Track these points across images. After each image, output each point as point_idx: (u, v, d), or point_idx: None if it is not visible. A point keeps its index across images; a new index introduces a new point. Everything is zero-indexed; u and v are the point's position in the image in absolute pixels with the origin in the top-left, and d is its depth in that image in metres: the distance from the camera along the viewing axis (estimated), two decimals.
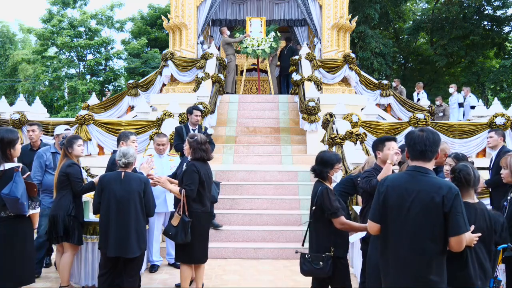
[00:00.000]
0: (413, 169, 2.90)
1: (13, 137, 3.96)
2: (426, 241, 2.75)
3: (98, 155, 9.23)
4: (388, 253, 2.92)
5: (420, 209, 2.76)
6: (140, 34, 27.72)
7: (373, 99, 11.90)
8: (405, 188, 2.84)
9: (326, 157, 4.03)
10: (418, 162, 2.91)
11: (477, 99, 13.87)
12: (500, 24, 22.48)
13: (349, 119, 8.57)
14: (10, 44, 33.12)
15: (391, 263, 2.89)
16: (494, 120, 9.00)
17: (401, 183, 2.88)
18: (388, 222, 2.90)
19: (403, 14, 25.36)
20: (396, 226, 2.85)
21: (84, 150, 5.07)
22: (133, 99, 12.30)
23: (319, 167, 4.03)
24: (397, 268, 2.85)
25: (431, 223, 2.74)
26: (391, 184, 2.92)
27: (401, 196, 2.84)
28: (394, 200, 2.86)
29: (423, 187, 2.79)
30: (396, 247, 2.85)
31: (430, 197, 2.74)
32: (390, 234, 2.89)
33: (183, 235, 4.58)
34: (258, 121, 10.51)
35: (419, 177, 2.85)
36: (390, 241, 2.89)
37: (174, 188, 4.76)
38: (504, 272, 3.81)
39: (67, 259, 5.01)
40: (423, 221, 2.75)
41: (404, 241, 2.81)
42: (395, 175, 3.06)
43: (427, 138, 2.88)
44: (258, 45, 12.11)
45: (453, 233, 2.72)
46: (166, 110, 8.92)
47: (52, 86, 27.63)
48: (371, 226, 3.02)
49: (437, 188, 2.75)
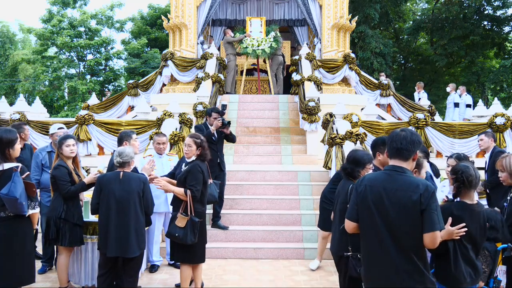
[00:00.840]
0: (391, 168, 2.96)
1: (12, 137, 3.95)
2: (405, 238, 2.81)
3: (98, 155, 9.24)
4: (368, 250, 2.98)
5: (398, 207, 2.81)
6: (140, 34, 27.72)
7: (373, 99, 11.90)
8: (383, 187, 2.89)
9: (358, 157, 3.98)
10: (395, 161, 2.97)
11: (472, 98, 13.90)
12: (500, 24, 22.47)
13: (349, 119, 8.57)
14: (10, 44, 33.11)
15: (371, 260, 2.95)
16: (494, 120, 9.00)
17: (379, 182, 2.93)
18: (366, 220, 2.96)
19: (403, 14, 25.36)
20: (374, 224, 2.90)
21: (74, 150, 4.89)
22: (133, 99, 12.30)
23: (350, 166, 3.98)
24: (377, 265, 2.91)
25: (409, 220, 2.80)
26: (369, 184, 2.97)
27: (379, 195, 2.89)
28: (373, 199, 2.91)
29: (401, 186, 2.85)
30: (375, 245, 2.90)
31: (408, 195, 2.80)
32: (369, 232, 2.95)
33: (192, 236, 4.58)
34: (258, 121, 10.51)
35: (396, 176, 2.90)
36: (369, 239, 2.95)
37: (177, 189, 4.72)
38: (504, 273, 3.80)
39: (62, 260, 5.00)
40: (401, 219, 2.81)
41: (383, 238, 2.86)
42: (372, 174, 3.10)
43: (404, 137, 2.93)
44: (258, 45, 12.11)
45: (427, 230, 2.78)
46: (166, 110, 8.92)
47: (52, 86, 27.63)
48: (349, 224, 3.09)
49: (414, 187, 2.81)
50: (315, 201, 7.26)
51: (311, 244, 6.71)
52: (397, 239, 2.82)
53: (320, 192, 7.68)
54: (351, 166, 3.98)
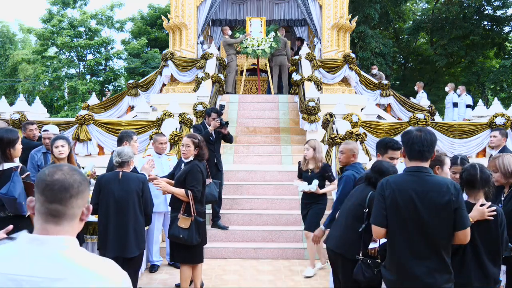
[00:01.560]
0: (416, 170, 2.93)
1: (13, 137, 3.95)
2: (437, 238, 2.84)
3: (98, 155, 9.23)
4: (398, 254, 2.93)
5: (432, 209, 2.82)
6: (140, 34, 27.72)
7: (373, 99, 11.89)
8: (414, 190, 2.86)
9: (384, 168, 3.90)
10: (417, 162, 2.94)
11: (472, 98, 13.89)
12: (500, 24, 22.47)
13: (349, 119, 8.57)
14: (10, 44, 33.10)
15: (402, 263, 2.90)
16: (494, 120, 9.00)
17: (408, 185, 2.89)
18: (397, 224, 2.91)
19: (403, 14, 25.36)
20: (406, 227, 2.87)
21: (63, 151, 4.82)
22: (133, 99, 12.30)
23: (375, 176, 3.90)
24: (408, 268, 2.87)
25: (442, 221, 2.83)
26: (397, 187, 2.92)
27: (410, 198, 2.85)
28: (403, 202, 2.87)
29: (431, 187, 2.85)
30: (406, 248, 2.87)
31: (440, 196, 2.82)
32: (400, 235, 2.91)
33: (197, 236, 4.59)
34: (258, 121, 10.51)
35: (424, 177, 2.89)
36: (400, 242, 2.90)
37: (178, 190, 4.69)
38: (504, 273, 3.80)
39: None
40: (435, 220, 2.82)
41: (415, 241, 2.85)
42: (396, 177, 3.05)
43: (424, 139, 2.92)
44: (258, 45, 12.12)
45: (461, 227, 2.83)
46: (166, 110, 8.92)
47: (52, 86, 27.62)
48: (377, 230, 3.00)
49: (445, 188, 2.83)
50: None
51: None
52: (430, 240, 2.84)
53: None
54: (375, 176, 3.92)
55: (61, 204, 1.54)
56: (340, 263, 3.86)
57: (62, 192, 1.54)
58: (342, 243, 3.85)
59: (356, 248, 3.79)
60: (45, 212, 1.54)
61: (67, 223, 1.55)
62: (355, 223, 3.82)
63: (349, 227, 3.85)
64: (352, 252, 3.78)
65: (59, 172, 1.56)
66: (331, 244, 3.95)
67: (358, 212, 3.85)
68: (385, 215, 2.95)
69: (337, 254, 3.87)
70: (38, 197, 1.56)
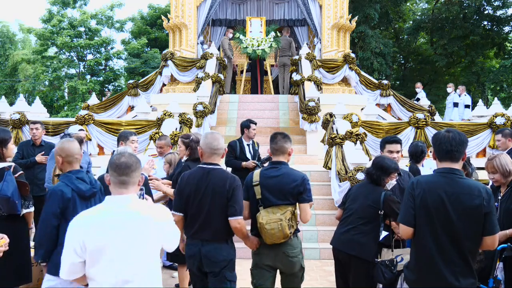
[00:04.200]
0: (448, 171, 2.91)
1: (5, 136, 3.93)
2: (465, 241, 2.82)
3: (98, 155, 9.24)
4: (423, 255, 2.92)
5: (461, 211, 2.80)
6: (140, 34, 27.70)
7: (373, 99, 11.90)
8: (444, 191, 2.84)
9: (386, 165, 3.90)
10: (447, 163, 2.93)
11: (471, 98, 13.88)
12: (500, 24, 22.46)
13: (349, 119, 8.57)
14: (10, 44, 33.08)
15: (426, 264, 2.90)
16: (494, 120, 9.00)
17: (439, 186, 2.87)
18: (424, 224, 2.90)
19: (403, 14, 25.34)
20: (433, 228, 2.86)
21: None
22: (133, 99, 12.31)
23: (377, 173, 3.90)
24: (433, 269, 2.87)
25: (471, 224, 2.81)
26: (427, 187, 2.90)
27: (440, 199, 2.84)
28: (433, 203, 2.86)
29: (463, 190, 2.83)
30: (433, 249, 2.87)
31: (471, 200, 2.80)
32: (426, 236, 2.90)
33: None
34: (258, 121, 10.38)
35: (456, 179, 2.87)
36: (426, 243, 2.90)
37: (168, 190, 4.71)
38: (501, 271, 3.81)
39: None
40: (464, 223, 2.81)
41: (442, 242, 2.84)
42: (428, 177, 3.02)
43: (453, 139, 2.90)
44: (258, 45, 12.12)
45: (490, 233, 2.81)
46: (166, 110, 8.93)
47: (52, 86, 27.62)
48: (405, 230, 2.97)
49: (476, 191, 2.81)
50: (315, 200, 7.24)
51: (311, 244, 6.71)
52: (456, 243, 2.82)
53: (320, 192, 7.70)
54: (377, 173, 3.90)
55: (127, 176, 2.49)
56: (353, 265, 3.80)
57: (126, 169, 2.49)
58: (356, 245, 3.78)
59: (372, 249, 3.76)
60: (118, 182, 2.49)
61: (131, 187, 2.51)
62: (367, 224, 3.78)
63: (360, 229, 3.81)
64: (367, 253, 3.75)
65: (123, 157, 2.52)
66: (342, 246, 3.87)
67: (368, 214, 3.81)
68: (413, 215, 2.92)
69: (350, 256, 3.79)
70: (111, 173, 2.51)
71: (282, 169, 3.66)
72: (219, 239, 3.49)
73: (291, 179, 3.60)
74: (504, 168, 3.87)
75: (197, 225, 3.50)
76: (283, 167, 3.68)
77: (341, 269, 3.97)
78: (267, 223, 3.48)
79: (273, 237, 3.51)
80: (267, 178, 3.63)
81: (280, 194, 3.58)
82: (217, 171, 3.51)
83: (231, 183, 3.46)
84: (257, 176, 3.67)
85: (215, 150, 3.54)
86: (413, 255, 3.02)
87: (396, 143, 4.51)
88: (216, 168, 3.52)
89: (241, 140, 6.48)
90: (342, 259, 3.90)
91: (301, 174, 3.66)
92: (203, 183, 3.48)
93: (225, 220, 3.45)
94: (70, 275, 2.43)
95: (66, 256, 2.39)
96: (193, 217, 3.52)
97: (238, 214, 3.44)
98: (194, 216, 3.51)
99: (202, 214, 3.47)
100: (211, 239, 3.48)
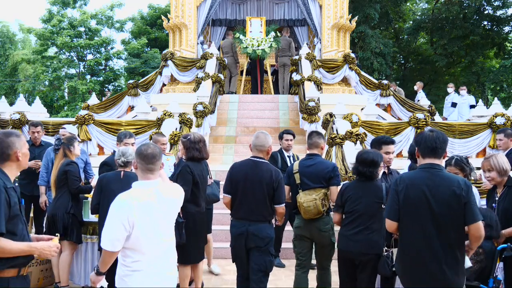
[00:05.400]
0: (429, 166, 3.11)
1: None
2: (449, 232, 2.98)
3: (98, 155, 9.23)
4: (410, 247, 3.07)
5: (442, 202, 2.98)
6: (140, 34, 27.70)
7: (373, 99, 11.90)
8: (426, 184, 3.03)
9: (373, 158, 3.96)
10: (430, 159, 3.13)
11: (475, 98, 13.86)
12: (500, 24, 22.46)
13: (349, 119, 8.58)
14: (10, 44, 33.06)
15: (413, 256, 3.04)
16: (494, 120, 9.01)
17: (421, 180, 3.06)
18: (409, 218, 3.07)
19: (403, 14, 25.34)
20: (418, 221, 3.02)
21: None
22: (133, 99, 12.30)
23: (369, 169, 3.94)
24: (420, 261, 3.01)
25: (452, 214, 2.98)
26: (410, 182, 3.08)
27: (422, 193, 3.02)
28: (415, 196, 3.03)
29: (442, 182, 3.02)
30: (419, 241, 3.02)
31: (451, 190, 2.98)
32: (412, 229, 3.06)
33: (177, 236, 4.55)
34: (258, 121, 10.51)
35: (436, 173, 3.07)
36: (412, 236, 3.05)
37: None
38: (502, 270, 3.82)
39: (66, 257, 5.00)
40: (445, 213, 2.98)
41: (427, 234, 2.99)
42: (410, 173, 3.22)
43: (437, 137, 3.12)
44: (258, 45, 12.12)
45: (471, 221, 2.98)
46: (166, 110, 8.93)
47: (52, 86, 27.61)
48: (390, 224, 3.18)
49: (455, 182, 3.01)
50: None
51: None
52: (441, 234, 2.98)
53: None
54: (369, 169, 3.94)
55: (153, 164, 3.01)
56: (371, 263, 3.87)
57: (152, 158, 3.00)
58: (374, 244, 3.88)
59: (383, 244, 3.92)
60: (145, 169, 3.01)
61: (156, 172, 3.04)
62: (376, 222, 3.90)
63: (372, 228, 3.90)
64: (381, 249, 3.89)
65: (149, 148, 3.02)
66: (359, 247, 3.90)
67: (375, 211, 3.91)
68: (397, 210, 3.11)
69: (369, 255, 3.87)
70: (139, 161, 3.02)
71: (316, 159, 4.51)
72: (263, 220, 4.17)
73: (324, 167, 4.43)
74: (500, 166, 3.89)
75: (245, 207, 4.17)
76: (317, 157, 4.54)
77: (350, 269, 4.02)
78: (304, 202, 4.31)
79: (309, 213, 4.31)
80: (304, 167, 4.48)
81: (315, 179, 4.37)
82: (264, 164, 4.24)
83: (276, 175, 4.19)
84: (296, 166, 4.54)
85: (259, 147, 4.31)
86: (400, 248, 3.19)
87: (392, 143, 4.61)
88: (262, 161, 4.26)
89: (281, 151, 6.41)
90: (357, 259, 3.94)
91: (332, 163, 4.55)
92: (252, 173, 4.18)
93: (269, 205, 4.18)
94: (114, 247, 2.85)
95: (114, 230, 2.85)
96: (242, 200, 4.19)
97: (282, 202, 4.22)
98: (242, 200, 4.18)
99: (250, 199, 4.15)
100: (257, 220, 4.15)
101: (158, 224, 2.96)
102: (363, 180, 4.01)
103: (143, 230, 2.88)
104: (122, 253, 2.94)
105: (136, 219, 2.86)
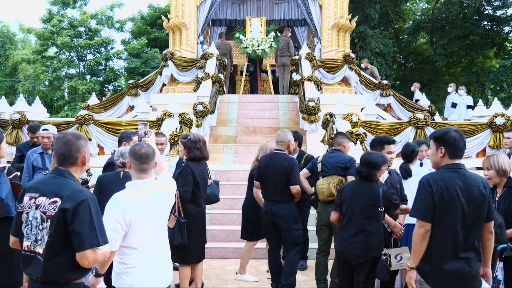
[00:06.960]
0: (457, 167, 3.16)
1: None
2: (475, 230, 3.10)
3: (98, 155, 9.23)
4: (441, 247, 3.09)
5: (472, 202, 3.06)
6: (140, 34, 27.68)
7: (373, 99, 11.90)
8: (458, 186, 3.08)
9: (374, 160, 3.96)
10: (456, 160, 3.17)
11: (473, 98, 13.85)
12: (500, 24, 22.45)
13: (349, 119, 8.57)
14: (10, 44, 33.05)
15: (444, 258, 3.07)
16: (494, 120, 9.00)
17: (453, 181, 3.09)
18: (442, 219, 3.08)
19: (403, 14, 25.33)
20: (450, 221, 3.06)
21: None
22: (133, 99, 12.30)
23: (367, 170, 3.97)
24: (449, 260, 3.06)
25: (480, 213, 3.09)
26: (444, 184, 3.09)
27: (456, 194, 3.06)
28: (450, 198, 3.06)
29: (471, 182, 3.10)
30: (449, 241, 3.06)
31: (480, 190, 3.08)
32: (444, 230, 3.08)
33: (179, 237, 4.56)
34: (258, 121, 10.51)
35: (464, 173, 3.14)
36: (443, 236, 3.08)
37: None
38: (502, 270, 3.81)
39: None
40: (475, 213, 3.08)
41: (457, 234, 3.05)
42: (439, 174, 3.18)
43: (461, 138, 3.18)
44: (258, 45, 12.12)
45: (491, 219, 3.16)
46: (166, 110, 8.93)
47: (52, 86, 27.60)
48: (425, 226, 3.10)
49: (482, 182, 3.12)
50: None
51: (311, 244, 6.69)
52: (468, 232, 3.07)
53: None
54: (367, 170, 3.96)
55: (146, 164, 3.08)
56: (368, 265, 3.88)
57: (146, 158, 3.06)
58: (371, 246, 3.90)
59: (380, 246, 3.94)
60: (139, 168, 3.07)
61: (149, 171, 3.11)
62: (372, 224, 3.92)
63: (368, 230, 3.91)
64: (379, 251, 3.92)
65: (142, 148, 3.08)
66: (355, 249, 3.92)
67: (371, 213, 3.92)
68: (433, 212, 3.09)
69: (366, 258, 3.89)
70: (132, 161, 3.08)
71: (337, 153, 5.21)
72: (284, 201, 4.99)
73: (342, 158, 5.09)
74: (500, 166, 3.87)
75: (269, 191, 5.05)
76: (338, 152, 5.21)
77: (348, 270, 4.04)
78: (319, 184, 5.02)
79: (323, 194, 4.94)
80: (327, 158, 5.22)
81: (333, 168, 5.05)
82: (281, 154, 5.07)
83: (290, 162, 5.01)
84: (321, 157, 5.32)
85: (280, 142, 5.11)
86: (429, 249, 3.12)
87: (393, 143, 4.68)
88: (281, 153, 5.08)
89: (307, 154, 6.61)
90: (354, 261, 3.96)
91: (350, 157, 5.15)
92: (272, 162, 5.03)
93: (288, 188, 4.98)
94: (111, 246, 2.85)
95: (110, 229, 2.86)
96: (267, 186, 5.07)
97: (296, 183, 5.02)
98: (267, 185, 5.06)
99: (272, 183, 5.00)
100: (279, 201, 4.99)
101: (153, 221, 3.10)
102: (361, 180, 4.03)
103: (139, 228, 2.99)
104: (118, 251, 3.02)
105: (133, 218, 2.96)
